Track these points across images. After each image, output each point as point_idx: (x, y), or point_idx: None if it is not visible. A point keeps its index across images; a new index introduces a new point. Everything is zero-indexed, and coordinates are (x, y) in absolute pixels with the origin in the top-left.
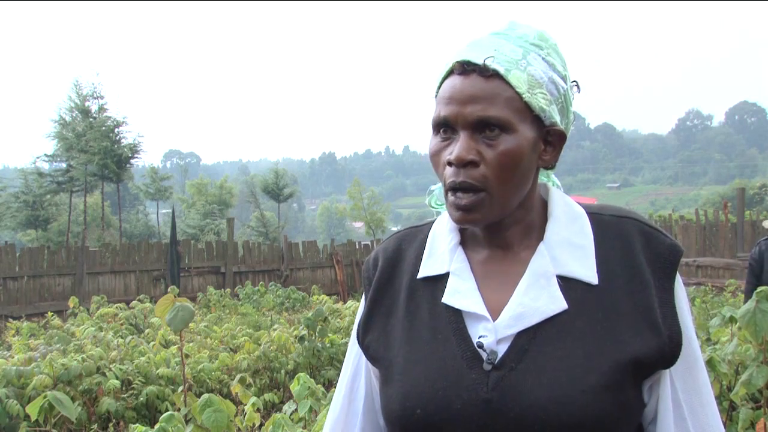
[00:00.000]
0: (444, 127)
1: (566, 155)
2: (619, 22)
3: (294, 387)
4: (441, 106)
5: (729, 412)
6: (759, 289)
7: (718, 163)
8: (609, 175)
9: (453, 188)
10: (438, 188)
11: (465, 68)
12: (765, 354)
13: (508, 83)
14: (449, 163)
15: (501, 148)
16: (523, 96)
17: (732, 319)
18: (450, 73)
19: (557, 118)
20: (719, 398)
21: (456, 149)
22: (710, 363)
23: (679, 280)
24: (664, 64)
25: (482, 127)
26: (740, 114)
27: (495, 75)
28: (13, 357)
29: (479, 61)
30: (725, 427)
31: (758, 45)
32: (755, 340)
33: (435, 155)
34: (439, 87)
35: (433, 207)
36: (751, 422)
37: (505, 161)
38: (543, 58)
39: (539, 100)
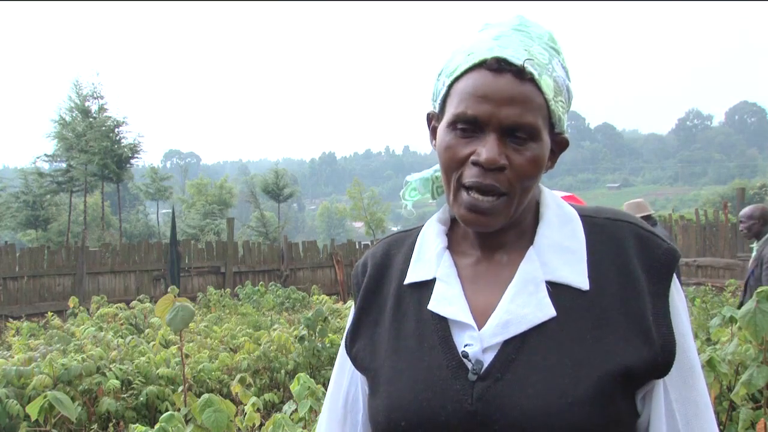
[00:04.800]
0: (469, 124)
1: (566, 155)
2: (620, 23)
3: (294, 387)
4: (469, 102)
5: (729, 412)
6: (759, 289)
7: (718, 163)
8: (609, 175)
9: (472, 188)
10: (417, 181)
11: (501, 66)
12: (765, 354)
13: (539, 89)
14: (475, 164)
15: (529, 155)
16: (550, 103)
17: (732, 319)
18: (476, 66)
19: (565, 127)
20: (719, 398)
21: (486, 151)
22: (710, 363)
23: (676, 286)
24: (665, 64)
25: (512, 132)
26: (740, 114)
27: (529, 79)
28: (13, 357)
29: (517, 61)
30: (725, 428)
31: (758, 45)
32: (755, 340)
33: (449, 149)
34: (458, 77)
35: (406, 200)
36: (751, 422)
37: (530, 169)
38: (562, 65)
39: (559, 108)
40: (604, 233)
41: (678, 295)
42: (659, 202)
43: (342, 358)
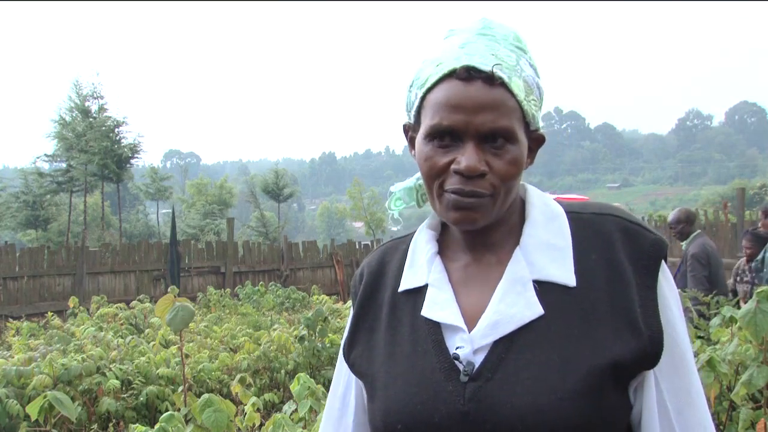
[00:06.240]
0: (446, 135)
1: (566, 155)
2: (620, 23)
3: (294, 387)
4: (443, 113)
5: (729, 412)
6: (760, 289)
7: (718, 163)
8: (609, 175)
9: (455, 194)
10: (401, 190)
11: (470, 74)
12: (765, 354)
13: (510, 91)
14: (456, 172)
15: (508, 157)
16: (522, 104)
17: (732, 319)
18: (446, 76)
19: (539, 123)
20: (719, 398)
21: (465, 159)
22: (710, 363)
23: (665, 277)
24: (665, 65)
25: (489, 137)
26: (740, 114)
27: (500, 83)
28: (13, 357)
29: (486, 68)
30: (725, 428)
31: (758, 45)
32: (755, 340)
33: (428, 160)
34: (429, 89)
35: (392, 209)
36: (751, 422)
37: (511, 171)
38: (530, 63)
39: (532, 107)
40: (590, 228)
41: (667, 285)
42: (659, 202)
43: (339, 363)
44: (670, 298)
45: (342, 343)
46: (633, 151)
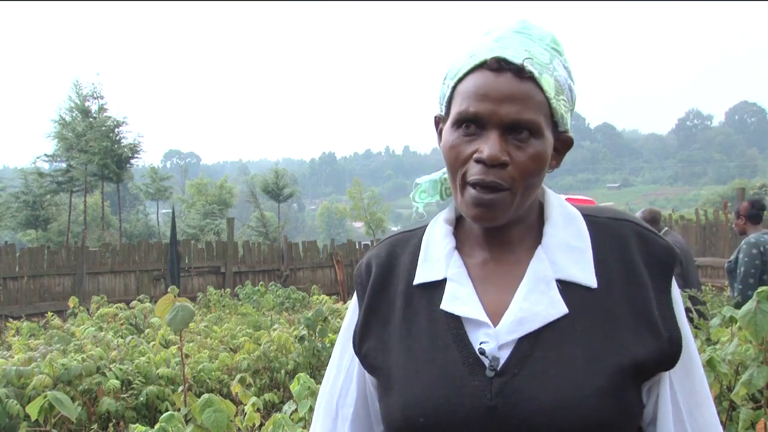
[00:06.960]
0: (471, 122)
1: (566, 155)
2: (620, 23)
3: (294, 387)
4: (471, 101)
5: (729, 412)
6: (760, 289)
7: (718, 163)
8: (609, 175)
9: (476, 185)
10: (426, 183)
11: (501, 65)
12: (765, 354)
13: (539, 87)
14: (478, 161)
15: (530, 151)
16: (551, 101)
17: (732, 319)
18: (478, 67)
19: (569, 126)
20: (719, 398)
21: (488, 148)
22: (710, 363)
23: (674, 282)
24: (665, 64)
25: (513, 129)
26: (740, 114)
27: (529, 77)
28: (13, 357)
29: (517, 60)
30: (725, 428)
31: (758, 45)
32: (755, 340)
33: (453, 148)
34: (461, 79)
35: (416, 202)
36: (751, 422)
37: (532, 165)
38: (564, 65)
39: (561, 107)
40: (606, 232)
41: (676, 291)
42: (659, 202)
43: (338, 356)
44: (679, 302)
45: (348, 334)
46: (633, 151)
